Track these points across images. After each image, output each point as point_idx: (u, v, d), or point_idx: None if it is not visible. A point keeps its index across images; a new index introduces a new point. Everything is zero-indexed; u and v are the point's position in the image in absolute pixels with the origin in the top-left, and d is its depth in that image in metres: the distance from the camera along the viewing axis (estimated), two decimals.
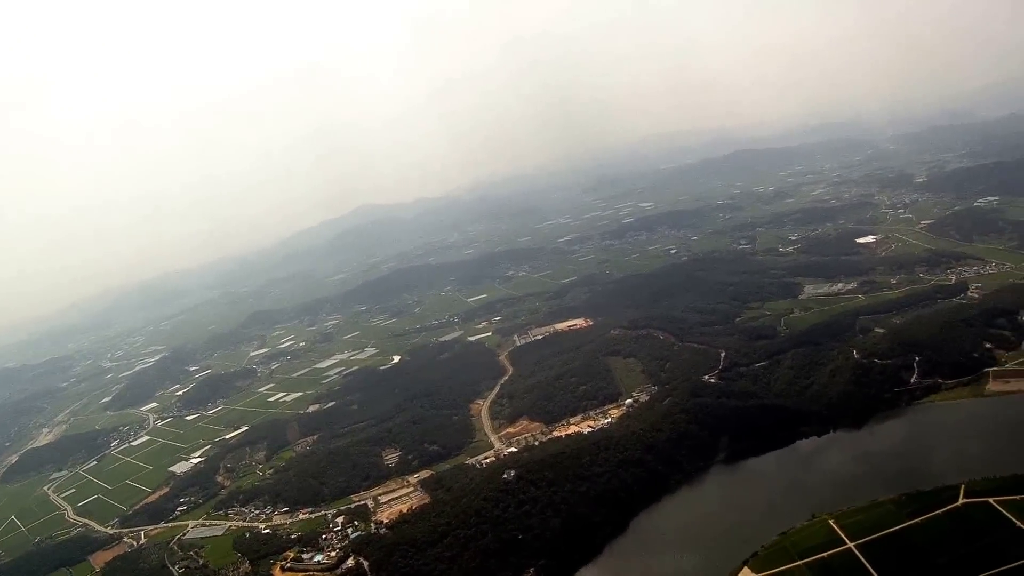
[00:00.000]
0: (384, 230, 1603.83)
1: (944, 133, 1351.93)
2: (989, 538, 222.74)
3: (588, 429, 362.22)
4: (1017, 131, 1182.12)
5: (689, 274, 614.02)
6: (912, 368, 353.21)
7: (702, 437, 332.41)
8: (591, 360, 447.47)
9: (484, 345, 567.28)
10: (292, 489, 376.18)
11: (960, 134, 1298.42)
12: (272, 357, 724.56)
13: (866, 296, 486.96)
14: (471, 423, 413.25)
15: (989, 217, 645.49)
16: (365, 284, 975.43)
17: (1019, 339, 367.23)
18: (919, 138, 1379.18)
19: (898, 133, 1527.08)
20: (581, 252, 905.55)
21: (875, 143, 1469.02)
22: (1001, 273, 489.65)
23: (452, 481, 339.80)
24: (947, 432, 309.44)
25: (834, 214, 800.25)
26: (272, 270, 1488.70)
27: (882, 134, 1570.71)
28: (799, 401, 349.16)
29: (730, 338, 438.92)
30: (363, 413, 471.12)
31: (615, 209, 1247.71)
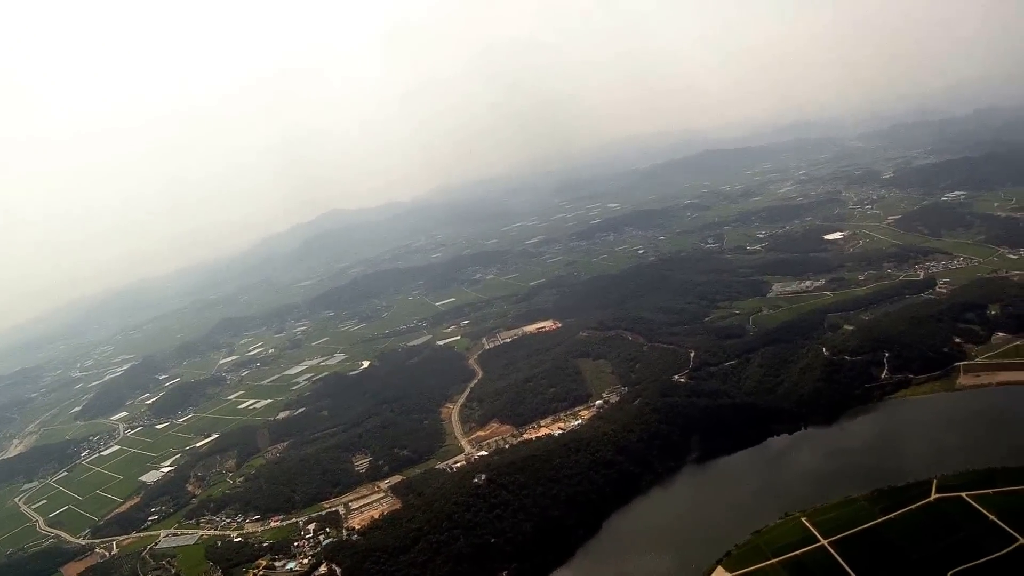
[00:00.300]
0: (353, 235, 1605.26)
1: (912, 130, 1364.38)
2: (963, 532, 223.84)
3: (559, 431, 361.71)
4: (984, 127, 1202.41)
5: (657, 274, 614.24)
6: (882, 364, 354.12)
7: (673, 437, 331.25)
8: (560, 362, 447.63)
9: (453, 349, 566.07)
10: (263, 496, 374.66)
11: (928, 131, 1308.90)
12: (241, 364, 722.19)
13: (835, 293, 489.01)
14: (441, 427, 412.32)
15: (957, 212, 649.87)
16: (333, 289, 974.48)
17: (988, 333, 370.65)
18: (887, 135, 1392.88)
19: (866, 131, 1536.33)
20: (549, 254, 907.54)
21: (842, 141, 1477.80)
22: (969, 267, 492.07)
23: (423, 486, 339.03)
24: (918, 427, 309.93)
25: (801, 211, 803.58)
26: (241, 276, 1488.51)
27: (850, 132, 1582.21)
28: (770, 399, 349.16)
29: (699, 338, 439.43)
30: (333, 419, 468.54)
31: (583, 210, 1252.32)
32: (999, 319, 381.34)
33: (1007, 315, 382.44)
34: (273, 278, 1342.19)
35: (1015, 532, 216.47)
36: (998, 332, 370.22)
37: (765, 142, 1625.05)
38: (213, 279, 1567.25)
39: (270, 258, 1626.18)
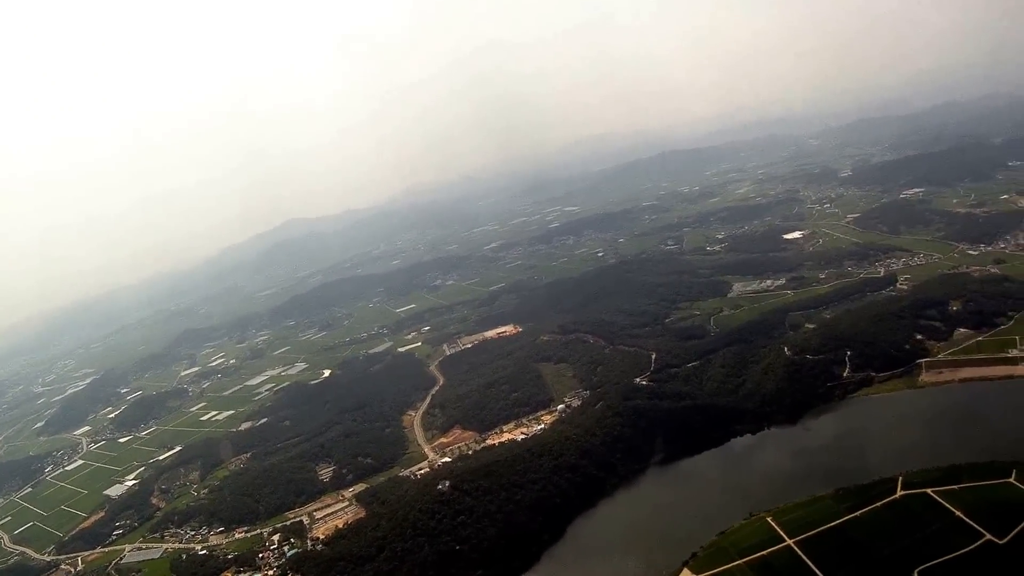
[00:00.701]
0: (313, 243, 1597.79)
1: (870, 126, 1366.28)
2: (930, 528, 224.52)
3: (522, 436, 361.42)
4: (943, 122, 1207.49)
5: (617, 277, 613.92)
6: (844, 362, 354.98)
7: (636, 440, 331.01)
8: (522, 367, 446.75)
9: (414, 356, 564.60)
10: (227, 508, 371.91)
11: (887, 127, 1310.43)
12: (203, 376, 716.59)
13: (795, 292, 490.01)
14: (404, 435, 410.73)
15: (916, 208, 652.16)
16: (294, 298, 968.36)
17: (950, 329, 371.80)
18: (845, 132, 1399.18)
19: (824, 129, 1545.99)
20: (509, 258, 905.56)
21: (801, 139, 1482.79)
22: (930, 264, 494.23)
23: (387, 494, 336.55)
24: (882, 425, 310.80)
25: (760, 211, 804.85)
26: (203, 287, 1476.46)
27: (808, 130, 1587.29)
28: (732, 400, 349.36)
29: (660, 339, 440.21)
30: (296, 429, 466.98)
31: (543, 214, 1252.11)
32: (961, 315, 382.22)
33: (968, 311, 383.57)
34: (234, 288, 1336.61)
35: (982, 528, 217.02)
36: (960, 328, 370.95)
37: (724, 141, 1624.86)
38: (174, 290, 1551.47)
39: (231, 268, 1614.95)
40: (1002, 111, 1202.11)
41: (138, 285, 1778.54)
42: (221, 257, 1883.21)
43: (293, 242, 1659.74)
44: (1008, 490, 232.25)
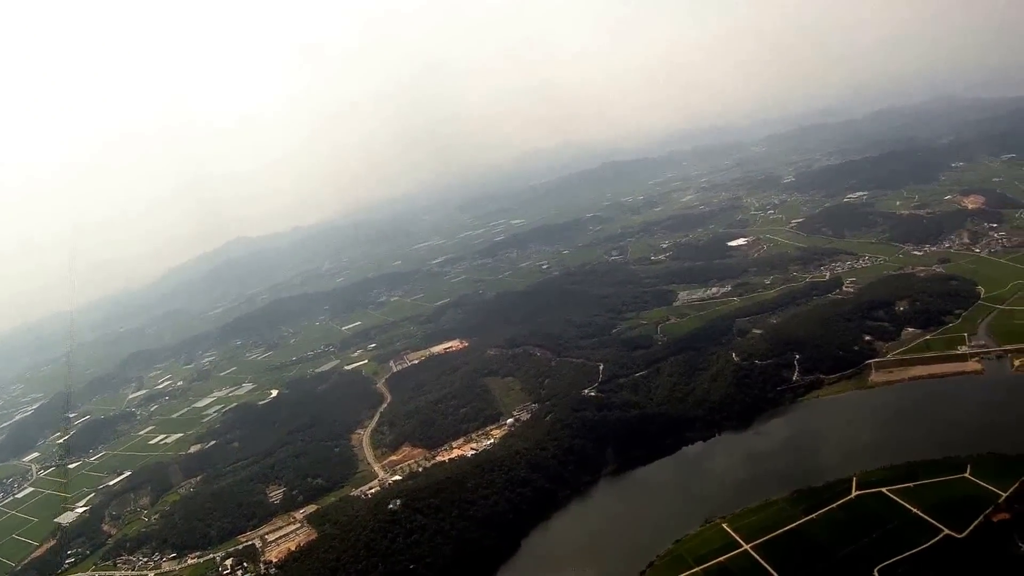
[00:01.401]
0: (258, 262, 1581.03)
1: (812, 133, 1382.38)
2: (888, 526, 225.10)
3: (471, 452, 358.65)
4: (884, 127, 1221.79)
5: (562, 289, 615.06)
6: (793, 366, 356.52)
7: (587, 451, 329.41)
8: (469, 382, 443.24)
9: (361, 373, 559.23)
10: (179, 534, 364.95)
11: (828, 133, 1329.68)
12: (151, 398, 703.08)
13: (741, 298, 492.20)
14: (353, 454, 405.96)
15: (860, 212, 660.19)
16: (241, 318, 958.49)
17: (898, 329, 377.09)
18: (787, 139, 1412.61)
19: (766, 136, 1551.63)
20: (454, 273, 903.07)
21: (743, 147, 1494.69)
22: (875, 265, 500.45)
23: (338, 514, 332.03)
24: (834, 426, 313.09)
25: (704, 219, 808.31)
26: (149, 308, 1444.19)
27: (750, 138, 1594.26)
28: (682, 407, 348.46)
29: (608, 350, 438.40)
30: (244, 450, 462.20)
31: (487, 228, 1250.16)
32: (908, 315, 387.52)
33: (916, 310, 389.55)
34: (180, 309, 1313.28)
35: (940, 524, 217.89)
36: (908, 328, 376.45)
37: (666, 151, 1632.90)
38: (121, 312, 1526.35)
39: (177, 289, 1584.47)
40: (943, 115, 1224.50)
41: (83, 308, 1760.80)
42: (167, 278, 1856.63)
43: (239, 261, 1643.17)
44: (964, 485, 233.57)
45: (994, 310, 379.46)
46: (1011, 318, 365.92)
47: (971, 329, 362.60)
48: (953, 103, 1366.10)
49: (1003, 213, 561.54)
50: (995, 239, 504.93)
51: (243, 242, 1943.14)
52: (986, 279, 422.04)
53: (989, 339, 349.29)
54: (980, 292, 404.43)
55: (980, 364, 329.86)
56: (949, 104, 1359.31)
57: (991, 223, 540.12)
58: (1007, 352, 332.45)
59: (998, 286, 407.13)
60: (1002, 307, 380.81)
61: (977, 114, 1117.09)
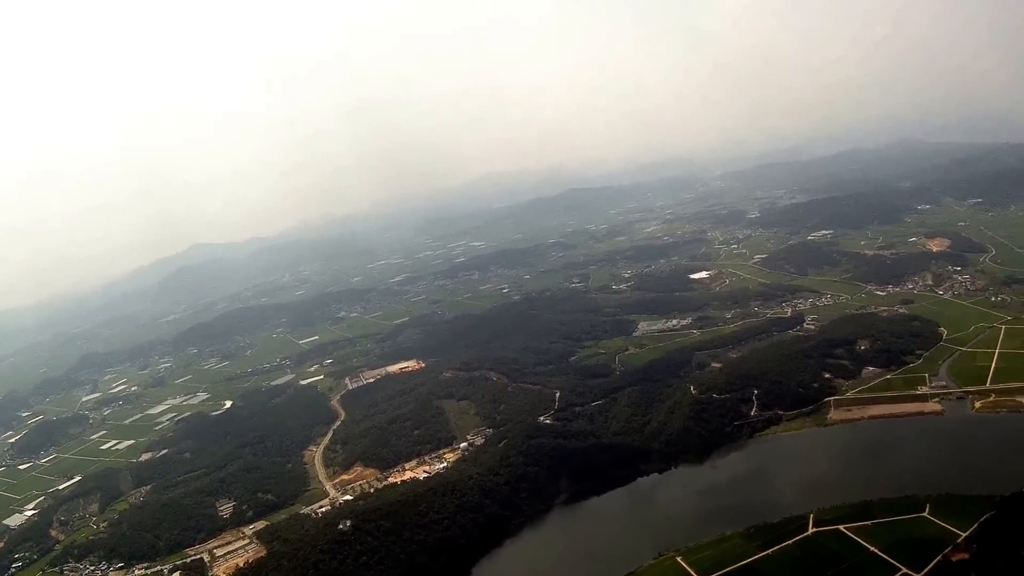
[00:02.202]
0: (217, 270, 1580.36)
1: (776, 171, 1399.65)
2: (844, 564, 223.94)
3: (424, 474, 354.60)
4: (848, 168, 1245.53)
5: (522, 314, 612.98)
6: (751, 401, 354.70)
7: (541, 479, 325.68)
8: (424, 403, 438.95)
9: (316, 389, 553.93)
10: (127, 543, 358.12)
11: (792, 171, 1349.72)
12: (104, 402, 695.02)
13: (701, 331, 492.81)
14: (305, 471, 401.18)
15: (823, 250, 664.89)
16: (198, 326, 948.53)
17: (858, 368, 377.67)
18: (751, 175, 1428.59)
19: (730, 171, 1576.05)
20: (413, 292, 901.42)
21: (707, 181, 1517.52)
22: (837, 304, 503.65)
23: (288, 532, 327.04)
24: (791, 462, 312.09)
25: (667, 251, 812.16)
26: (104, 310, 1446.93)
27: (714, 172, 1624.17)
28: (638, 439, 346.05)
29: (565, 378, 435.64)
30: (196, 462, 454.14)
31: (447, 249, 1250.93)
32: (868, 354, 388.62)
33: (876, 350, 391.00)
34: (137, 313, 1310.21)
35: (897, 563, 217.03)
36: (868, 367, 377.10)
37: (630, 181, 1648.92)
38: (75, 312, 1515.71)
39: (134, 293, 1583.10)
40: (907, 158, 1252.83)
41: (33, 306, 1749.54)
42: (125, 280, 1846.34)
43: (198, 267, 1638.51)
44: (922, 525, 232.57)
45: (956, 352, 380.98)
46: (973, 360, 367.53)
47: (932, 370, 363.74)
48: (918, 146, 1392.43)
49: (967, 257, 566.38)
50: (959, 282, 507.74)
51: (202, 249, 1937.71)
52: (949, 321, 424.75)
53: (950, 380, 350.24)
54: (942, 334, 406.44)
55: (940, 405, 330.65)
56: (914, 147, 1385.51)
57: (955, 266, 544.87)
58: (968, 393, 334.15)
59: (960, 328, 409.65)
60: (964, 349, 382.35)
61: (943, 158, 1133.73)
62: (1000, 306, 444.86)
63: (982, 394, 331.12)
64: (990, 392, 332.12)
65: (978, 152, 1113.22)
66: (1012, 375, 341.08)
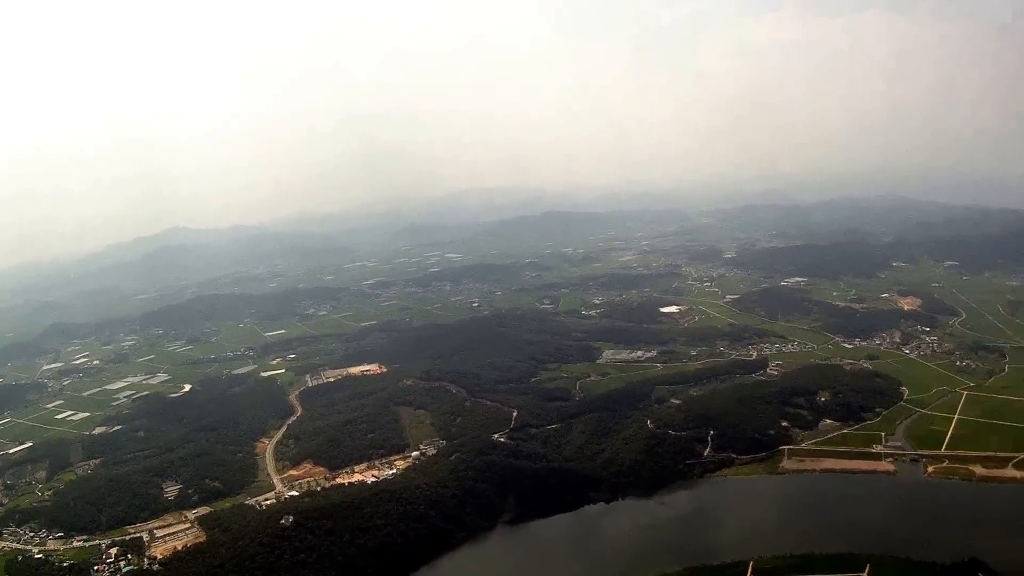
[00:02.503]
0: (195, 254, 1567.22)
1: (759, 212, 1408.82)
2: None
3: (372, 479, 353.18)
4: (831, 217, 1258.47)
5: (489, 329, 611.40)
6: (706, 441, 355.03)
7: (488, 496, 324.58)
8: (381, 408, 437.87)
9: (276, 382, 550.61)
10: (69, 514, 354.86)
11: (776, 215, 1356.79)
12: (65, 372, 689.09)
13: (665, 366, 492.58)
14: (255, 462, 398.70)
15: (796, 297, 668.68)
16: (168, 307, 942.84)
17: (817, 419, 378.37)
18: (734, 215, 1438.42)
19: (714, 208, 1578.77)
20: (384, 297, 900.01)
21: (690, 216, 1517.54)
22: (803, 352, 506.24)
23: (230, 521, 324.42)
24: (739, 507, 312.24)
25: (640, 282, 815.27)
26: (80, 281, 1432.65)
27: (696, 208, 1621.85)
28: (589, 466, 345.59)
29: (524, 397, 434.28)
30: (148, 441, 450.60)
31: (423, 257, 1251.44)
32: (828, 406, 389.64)
33: (836, 403, 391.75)
34: (111, 287, 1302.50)
35: None
36: (826, 419, 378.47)
37: (613, 209, 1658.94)
38: (51, 281, 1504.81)
39: (111, 267, 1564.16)
40: (892, 213, 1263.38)
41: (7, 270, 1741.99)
42: (103, 254, 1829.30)
43: (176, 249, 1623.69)
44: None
45: (915, 413, 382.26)
46: (931, 423, 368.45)
47: (889, 429, 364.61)
48: (902, 203, 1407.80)
49: (938, 318, 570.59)
50: (926, 343, 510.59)
51: (182, 232, 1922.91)
52: (911, 381, 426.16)
53: (906, 442, 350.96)
54: (904, 393, 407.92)
55: (894, 465, 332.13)
56: (898, 203, 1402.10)
57: (924, 326, 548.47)
58: (922, 457, 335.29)
59: (922, 390, 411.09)
60: (923, 411, 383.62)
61: (926, 217, 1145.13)
62: (964, 371, 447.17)
63: (936, 459, 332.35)
64: (944, 457, 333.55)
65: (961, 214, 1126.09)
66: (968, 443, 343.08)
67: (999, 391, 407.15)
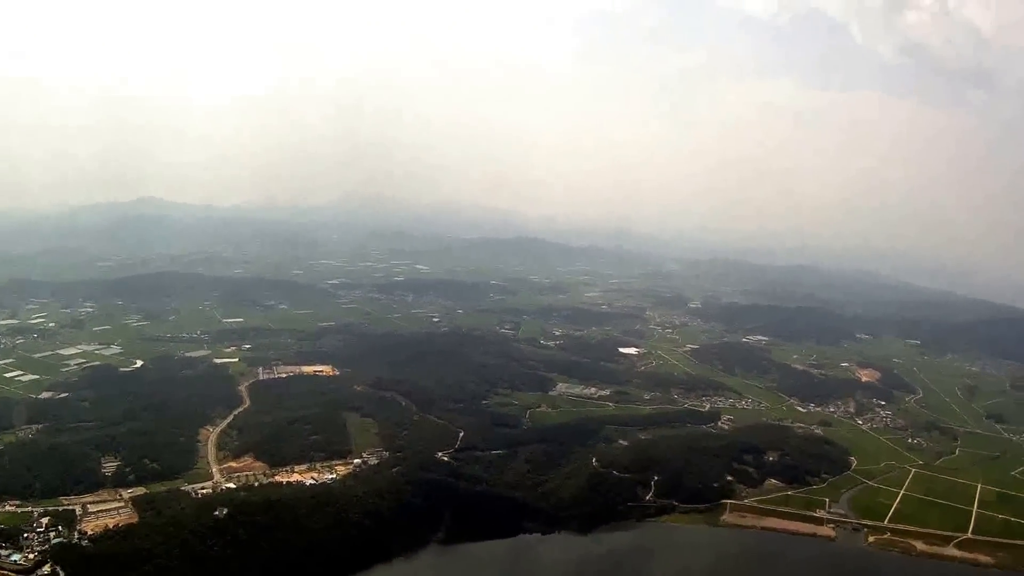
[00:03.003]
0: (166, 227, 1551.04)
1: (730, 267, 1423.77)
2: None
3: (311, 481, 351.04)
4: (798, 281, 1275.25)
5: (446, 346, 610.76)
6: (649, 486, 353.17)
7: (424, 513, 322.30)
8: (329, 411, 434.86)
9: (228, 371, 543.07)
10: (4, 476, 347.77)
11: (746, 271, 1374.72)
12: (19, 331, 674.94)
13: (617, 406, 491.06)
14: (196, 448, 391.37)
15: (755, 355, 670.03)
16: (130, 278, 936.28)
17: (763, 478, 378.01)
18: (703, 265, 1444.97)
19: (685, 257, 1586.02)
20: (346, 299, 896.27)
21: (661, 260, 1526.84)
22: (756, 410, 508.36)
23: (164, 505, 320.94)
24: (673, 555, 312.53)
25: (603, 319, 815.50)
26: (47, 238, 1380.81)
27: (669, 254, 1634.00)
28: (530, 496, 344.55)
29: (472, 419, 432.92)
30: (92, 412, 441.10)
31: (391, 264, 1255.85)
32: (775, 466, 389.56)
33: (784, 464, 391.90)
34: (77, 249, 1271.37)
35: None
36: (772, 479, 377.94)
37: (588, 243, 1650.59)
38: (16, 233, 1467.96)
39: (81, 228, 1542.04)
40: (862, 287, 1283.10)
41: None
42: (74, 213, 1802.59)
43: (147, 219, 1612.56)
44: None
45: (861, 484, 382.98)
46: (876, 495, 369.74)
47: (834, 496, 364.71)
48: (874, 279, 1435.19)
49: (894, 393, 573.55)
50: (881, 416, 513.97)
51: (156, 202, 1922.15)
52: (861, 452, 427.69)
53: (849, 510, 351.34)
54: (852, 463, 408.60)
55: (834, 531, 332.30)
56: (871, 279, 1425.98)
57: (880, 400, 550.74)
58: (864, 526, 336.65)
59: (871, 461, 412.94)
60: (870, 483, 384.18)
61: (895, 296, 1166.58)
62: (915, 448, 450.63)
63: (878, 530, 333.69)
64: (886, 529, 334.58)
65: (931, 298, 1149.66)
66: (911, 519, 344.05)
67: (947, 472, 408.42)
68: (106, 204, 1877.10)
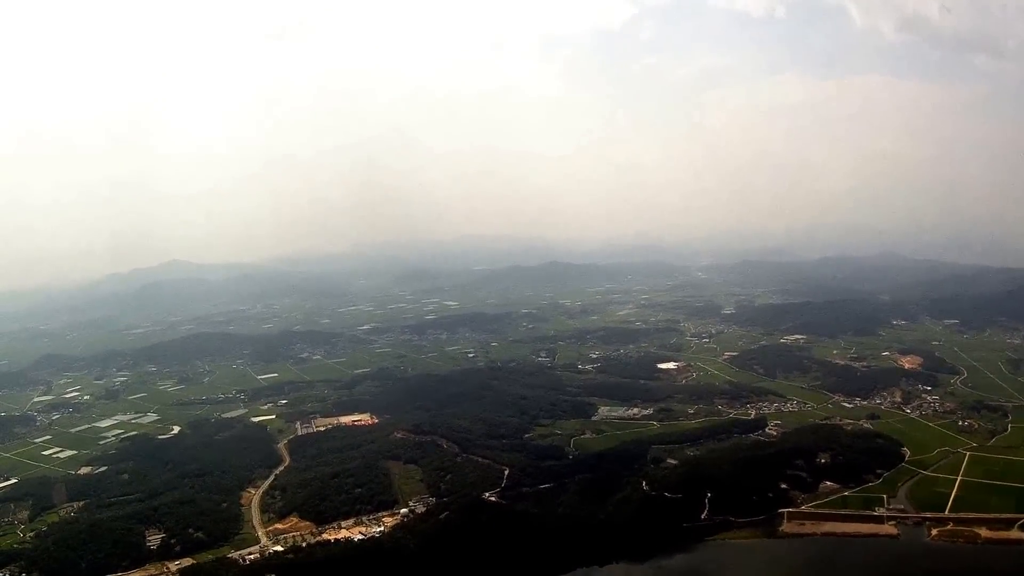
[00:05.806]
0: (191, 289, 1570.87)
1: (758, 268, 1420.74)
2: None
3: (359, 536, 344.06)
4: (830, 275, 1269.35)
5: (483, 382, 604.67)
6: (703, 504, 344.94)
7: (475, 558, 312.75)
8: (371, 462, 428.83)
9: (266, 429, 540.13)
10: (50, 559, 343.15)
11: (774, 271, 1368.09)
12: (55, 406, 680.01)
13: (661, 424, 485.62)
14: (240, 512, 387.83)
15: (795, 355, 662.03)
16: (161, 343, 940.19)
17: (816, 481, 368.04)
18: (733, 270, 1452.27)
19: (713, 263, 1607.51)
20: (379, 343, 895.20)
21: (689, 270, 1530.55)
22: (802, 412, 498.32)
23: (213, 575, 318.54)
24: (738, 575, 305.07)
25: (638, 336, 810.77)
26: (76, 312, 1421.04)
27: (696, 262, 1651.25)
28: (582, 528, 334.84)
29: (516, 455, 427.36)
30: (133, 485, 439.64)
31: (420, 304, 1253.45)
32: (828, 467, 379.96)
33: (836, 464, 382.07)
34: (107, 319, 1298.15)
35: None
36: (826, 481, 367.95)
37: (612, 261, 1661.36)
38: (47, 308, 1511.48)
39: (108, 298, 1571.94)
40: (890, 272, 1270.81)
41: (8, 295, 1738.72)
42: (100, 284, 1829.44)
43: (173, 283, 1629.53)
44: None
45: (917, 475, 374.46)
46: (933, 485, 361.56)
47: (891, 491, 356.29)
48: (903, 262, 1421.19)
49: (939, 377, 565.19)
50: (928, 402, 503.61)
51: (180, 265, 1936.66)
52: (913, 442, 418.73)
53: (908, 504, 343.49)
54: (905, 454, 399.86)
55: (896, 528, 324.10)
56: (899, 262, 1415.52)
57: (925, 385, 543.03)
58: (925, 520, 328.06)
59: (924, 451, 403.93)
60: (925, 472, 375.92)
61: (926, 275, 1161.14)
62: (966, 431, 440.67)
63: (940, 522, 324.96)
64: (948, 520, 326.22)
65: (962, 273, 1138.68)
66: (972, 505, 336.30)
67: (1002, 451, 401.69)
68: (132, 272, 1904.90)
